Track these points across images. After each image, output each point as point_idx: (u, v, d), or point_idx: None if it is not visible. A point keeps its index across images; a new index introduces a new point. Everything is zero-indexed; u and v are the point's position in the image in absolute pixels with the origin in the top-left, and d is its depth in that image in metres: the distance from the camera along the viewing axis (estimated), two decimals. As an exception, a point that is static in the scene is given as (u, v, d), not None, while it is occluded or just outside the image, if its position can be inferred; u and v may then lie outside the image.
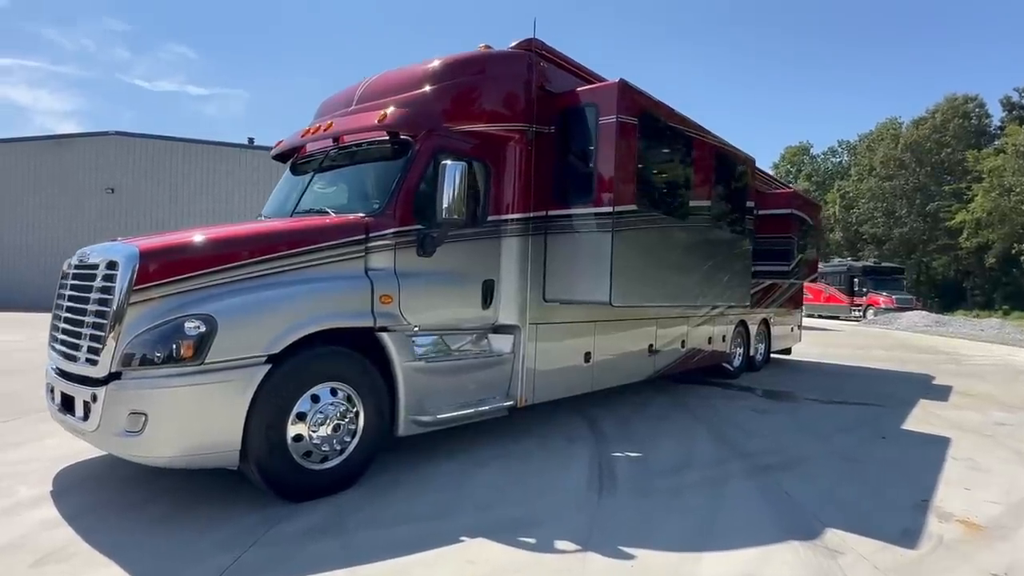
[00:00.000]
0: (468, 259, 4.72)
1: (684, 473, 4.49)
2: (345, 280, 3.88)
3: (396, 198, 4.23)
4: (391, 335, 4.06)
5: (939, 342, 18.90)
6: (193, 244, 3.59)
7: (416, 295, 4.26)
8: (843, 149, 60.01)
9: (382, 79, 5.05)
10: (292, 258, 3.71)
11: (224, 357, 3.23)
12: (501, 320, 4.99)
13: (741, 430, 5.92)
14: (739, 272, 7.49)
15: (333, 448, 3.69)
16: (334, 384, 3.72)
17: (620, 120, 4.87)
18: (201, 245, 3.58)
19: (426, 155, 4.38)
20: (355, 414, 3.83)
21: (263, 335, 3.36)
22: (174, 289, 3.33)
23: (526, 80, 5.02)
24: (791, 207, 9.74)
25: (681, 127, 6.01)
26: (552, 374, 5.35)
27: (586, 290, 4.98)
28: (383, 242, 4.11)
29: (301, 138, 5.02)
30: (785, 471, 4.59)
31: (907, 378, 10.39)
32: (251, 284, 3.50)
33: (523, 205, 5.02)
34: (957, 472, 4.72)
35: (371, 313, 3.93)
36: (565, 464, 4.59)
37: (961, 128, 44.57)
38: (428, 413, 4.27)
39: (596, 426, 5.84)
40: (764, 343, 10.64)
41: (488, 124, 4.82)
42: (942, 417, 6.90)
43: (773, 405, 7.39)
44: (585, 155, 5.08)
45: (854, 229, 49.88)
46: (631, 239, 5.15)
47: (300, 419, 3.55)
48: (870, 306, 30.42)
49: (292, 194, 4.94)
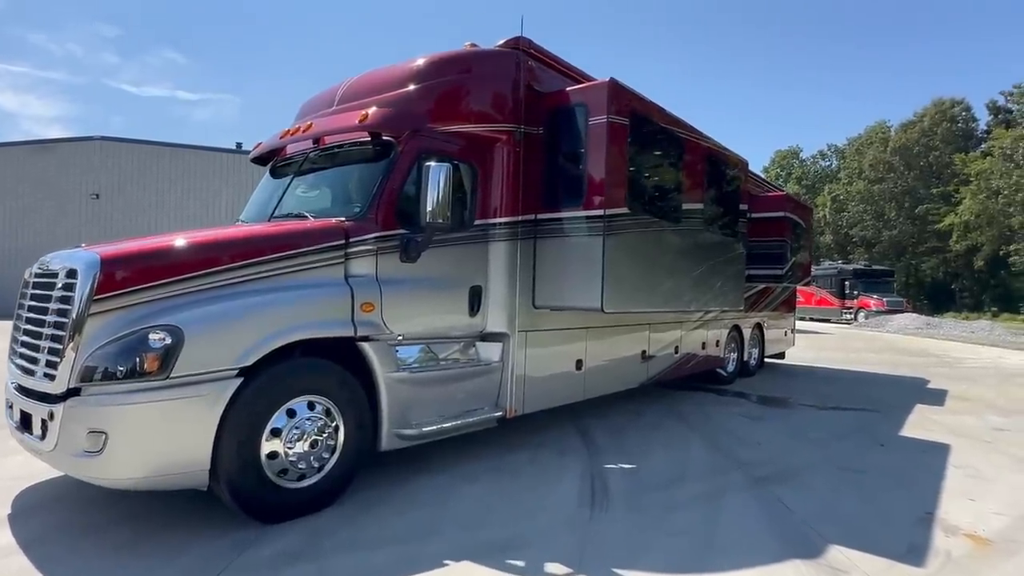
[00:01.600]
0: (454, 265, 4.54)
1: (679, 486, 4.33)
2: (323, 288, 3.69)
3: (378, 201, 4.05)
4: (373, 345, 3.87)
5: (930, 344, 18.91)
6: (159, 251, 3.38)
7: (400, 303, 4.08)
8: (832, 153, 60.42)
9: (365, 78, 4.88)
10: (266, 265, 3.51)
11: (191, 371, 3.03)
12: (489, 328, 4.81)
13: (736, 439, 5.77)
14: (732, 276, 7.36)
15: (311, 465, 3.50)
16: (312, 398, 3.53)
17: (610, 120, 4.72)
18: (168, 252, 3.38)
19: (409, 156, 4.21)
20: (334, 429, 3.63)
21: (234, 347, 3.17)
22: (138, 299, 3.13)
23: (514, 79, 4.86)
24: (784, 210, 9.65)
25: (673, 128, 5.88)
26: (543, 383, 5.18)
27: (577, 296, 4.82)
28: (364, 247, 3.93)
29: (280, 140, 4.83)
30: (783, 482, 4.44)
31: (901, 382, 10.31)
32: (221, 293, 3.31)
33: (511, 208, 4.85)
34: (959, 481, 4.59)
35: (351, 322, 3.74)
36: (556, 478, 4.41)
37: (948, 131, 44.97)
38: (412, 426, 4.09)
39: (589, 436, 5.67)
40: (758, 348, 10.53)
41: (475, 125, 4.66)
42: (939, 422, 6.79)
43: (768, 412, 7.25)
44: (575, 157, 4.93)
45: (844, 232, 50.14)
46: (623, 243, 5.00)
47: (275, 435, 3.35)
48: (861, 309, 30.46)
49: (271, 198, 4.74)
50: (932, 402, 8.20)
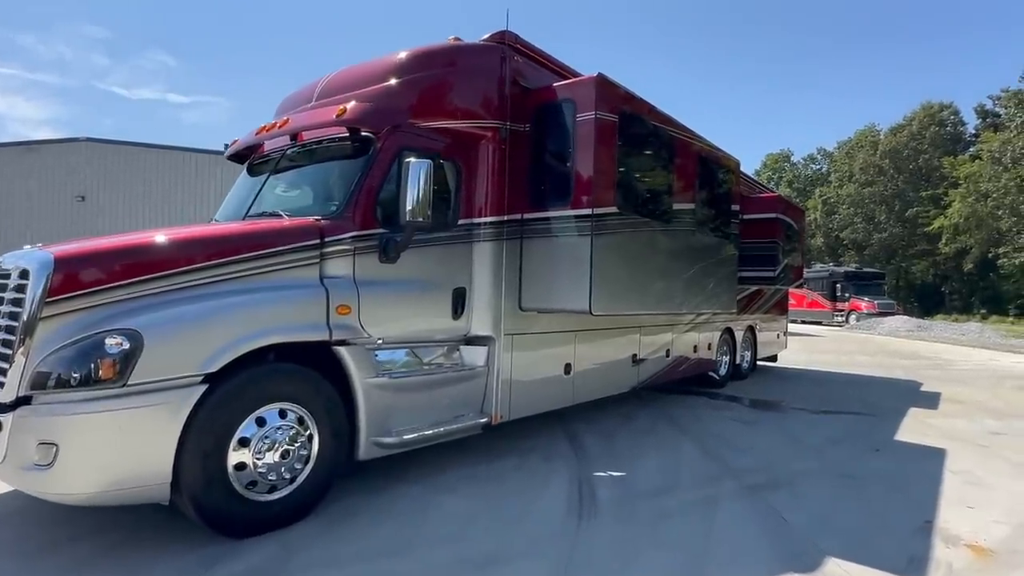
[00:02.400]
0: (437, 266, 4.38)
1: (670, 495, 4.17)
2: (296, 289, 3.51)
3: (355, 200, 3.88)
4: (350, 349, 3.69)
5: (921, 347, 18.90)
6: (119, 251, 3.19)
7: (378, 305, 3.91)
8: (822, 156, 60.74)
9: (344, 73, 4.71)
10: (235, 266, 3.33)
11: (151, 377, 2.84)
12: (474, 331, 4.64)
13: (729, 444, 5.63)
14: (724, 278, 7.23)
15: (282, 476, 3.31)
16: (283, 405, 3.34)
17: (599, 117, 4.57)
18: (128, 252, 3.19)
19: (389, 153, 4.04)
20: (308, 438, 3.45)
21: (198, 352, 2.98)
22: (95, 301, 2.94)
23: (499, 74, 4.70)
24: (776, 211, 9.56)
25: (664, 126, 5.74)
26: (530, 388, 5.01)
27: (564, 298, 4.66)
28: (340, 247, 3.75)
29: (256, 136, 4.65)
30: (777, 490, 4.29)
31: (894, 385, 10.22)
32: (186, 295, 3.12)
33: (497, 208, 4.69)
34: (957, 488, 4.46)
35: (326, 325, 3.57)
36: (543, 486, 4.24)
37: (937, 135, 45.31)
38: (392, 434, 3.91)
39: (578, 442, 5.51)
40: (750, 350, 10.40)
41: (458, 121, 4.50)
42: (934, 426, 6.68)
43: (761, 416, 7.12)
44: (562, 154, 4.78)
45: (835, 235, 50.37)
46: (612, 244, 4.85)
47: (243, 445, 3.17)
48: (852, 311, 30.52)
49: (247, 196, 4.56)
50: (926, 405, 8.10)
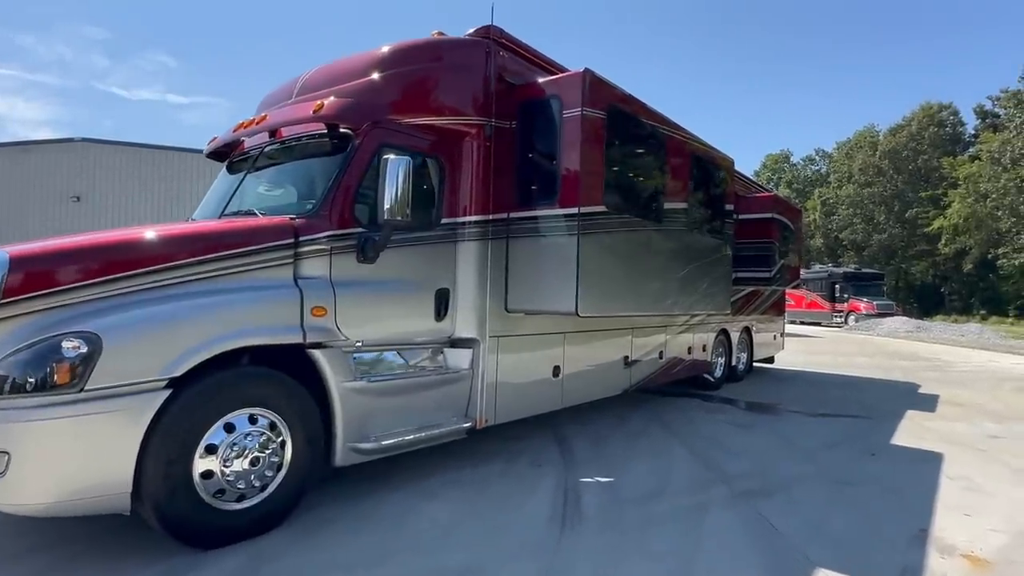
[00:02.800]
0: (419, 266, 4.26)
1: (658, 501, 4.05)
2: (268, 290, 3.39)
3: (332, 198, 3.76)
4: (325, 352, 3.57)
5: (920, 348, 18.78)
6: (80, 250, 3.07)
7: (356, 306, 3.79)
8: (820, 157, 60.68)
9: (325, 68, 4.60)
10: (204, 266, 3.21)
11: (110, 382, 2.72)
12: (458, 333, 4.53)
13: (722, 448, 5.50)
14: (718, 278, 7.11)
15: (251, 485, 3.19)
16: (254, 410, 3.22)
17: (585, 113, 4.46)
18: (91, 251, 3.07)
19: (369, 150, 3.92)
20: (280, 444, 3.33)
21: (161, 355, 2.86)
22: (53, 302, 2.82)
23: (483, 70, 4.59)
24: (772, 211, 9.44)
25: (654, 123, 5.62)
26: (516, 391, 4.89)
27: (550, 299, 4.54)
28: (316, 247, 3.63)
29: (234, 133, 4.54)
30: (769, 497, 4.17)
31: (892, 387, 10.10)
32: (150, 296, 3.00)
33: (481, 207, 4.57)
34: (954, 494, 4.34)
35: (300, 327, 3.45)
36: (527, 493, 4.12)
37: (936, 135, 45.23)
38: (371, 439, 3.79)
39: (567, 445, 5.39)
40: (746, 352, 10.29)
41: (441, 117, 4.38)
42: (932, 429, 6.56)
43: (755, 419, 7.00)
44: (549, 152, 4.66)
45: (834, 235, 50.28)
46: (600, 243, 4.73)
47: (210, 452, 3.05)
48: (851, 312, 30.41)
49: (224, 195, 4.45)
50: (924, 408, 7.97)
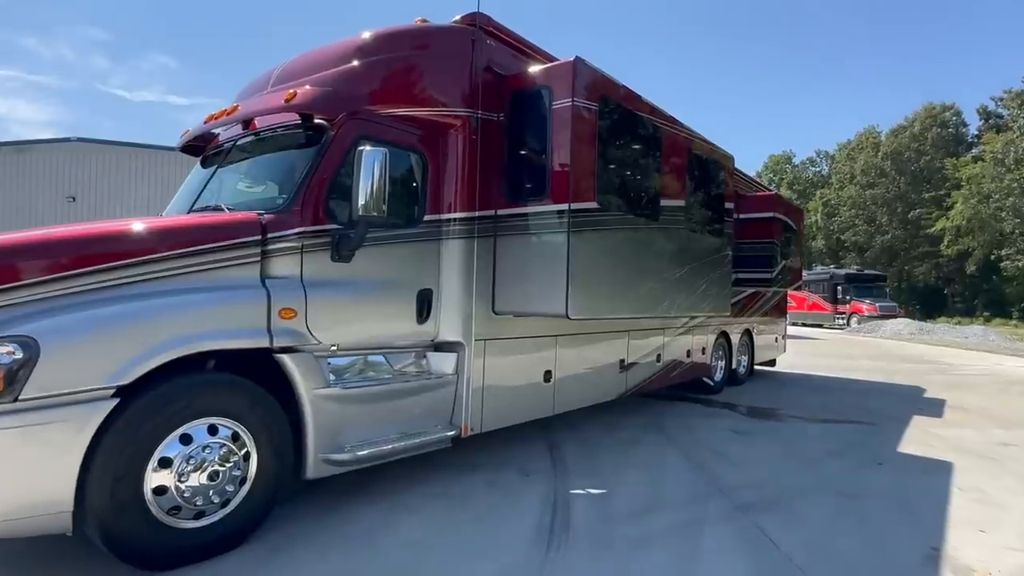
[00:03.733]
0: (400, 265, 4.03)
1: (652, 516, 3.80)
2: (231, 291, 3.15)
3: (304, 193, 3.53)
4: (295, 357, 3.34)
5: (924, 350, 18.51)
6: (20, 247, 2.83)
7: (329, 308, 3.56)
8: (821, 158, 60.40)
9: (303, 57, 4.36)
10: (158, 264, 2.98)
11: (48, 391, 2.49)
12: (442, 336, 4.29)
13: (721, 457, 5.26)
14: (718, 279, 6.87)
15: (210, 501, 2.95)
16: (214, 420, 2.99)
17: (576, 104, 4.22)
18: (33, 248, 2.84)
19: (344, 142, 3.69)
20: (244, 456, 3.10)
21: (107, 361, 2.63)
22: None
23: (469, 59, 4.36)
24: (773, 211, 9.20)
25: (650, 117, 5.38)
26: (504, 397, 4.66)
27: (539, 300, 4.31)
28: (285, 244, 3.40)
29: (204, 125, 4.31)
30: (770, 511, 3.93)
31: (896, 391, 9.84)
32: (99, 297, 2.77)
33: (467, 203, 4.34)
34: (966, 508, 4.09)
35: (266, 330, 3.21)
36: (513, 507, 3.88)
37: (939, 136, 44.94)
38: (346, 450, 3.55)
39: (558, 454, 5.14)
40: (747, 355, 10.04)
41: (423, 108, 4.15)
42: (939, 436, 6.31)
43: (756, 425, 6.75)
44: (538, 146, 4.43)
45: (836, 237, 50.00)
46: (592, 242, 4.50)
47: (164, 466, 2.81)
48: (854, 314, 30.11)
49: (195, 190, 4.22)
50: (931, 413, 7.72)
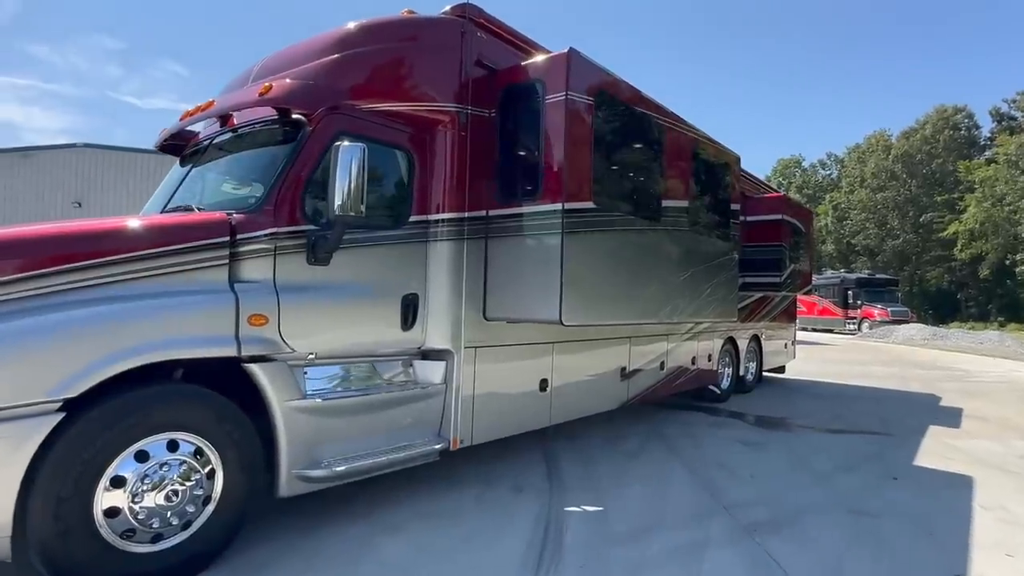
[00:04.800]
0: (383, 269, 3.81)
1: (651, 537, 3.55)
2: (195, 295, 2.94)
3: (278, 191, 3.32)
4: (266, 367, 3.12)
5: (938, 356, 18.07)
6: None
7: (305, 314, 3.34)
8: (832, 162, 59.80)
9: (285, 51, 4.17)
10: (115, 267, 2.77)
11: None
12: (429, 344, 4.07)
13: (727, 471, 4.99)
14: (723, 283, 6.60)
15: (168, 522, 2.73)
16: (174, 435, 2.78)
17: (571, 98, 4.00)
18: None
19: (322, 138, 3.48)
20: (208, 474, 2.88)
21: (51, 373, 2.42)
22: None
23: (458, 52, 4.15)
24: (782, 213, 8.91)
25: (650, 113, 5.14)
26: (497, 408, 4.42)
27: (531, 306, 4.07)
28: (257, 246, 3.19)
29: (180, 122, 4.12)
30: (778, 531, 3.66)
31: (911, 399, 9.50)
32: (45, 302, 2.56)
33: (456, 203, 4.12)
34: (990, 528, 3.81)
35: (234, 338, 3.00)
36: (504, 525, 3.64)
37: (951, 139, 44.34)
38: (322, 465, 3.32)
39: (555, 467, 4.90)
40: (755, 361, 9.74)
41: (409, 103, 3.94)
42: (958, 448, 6.00)
43: (765, 436, 6.46)
44: (531, 143, 4.20)
45: (846, 241, 49.41)
46: (588, 244, 4.26)
47: (117, 486, 2.60)
48: (865, 319, 29.64)
49: (170, 189, 4.03)
50: (947, 423, 7.40)
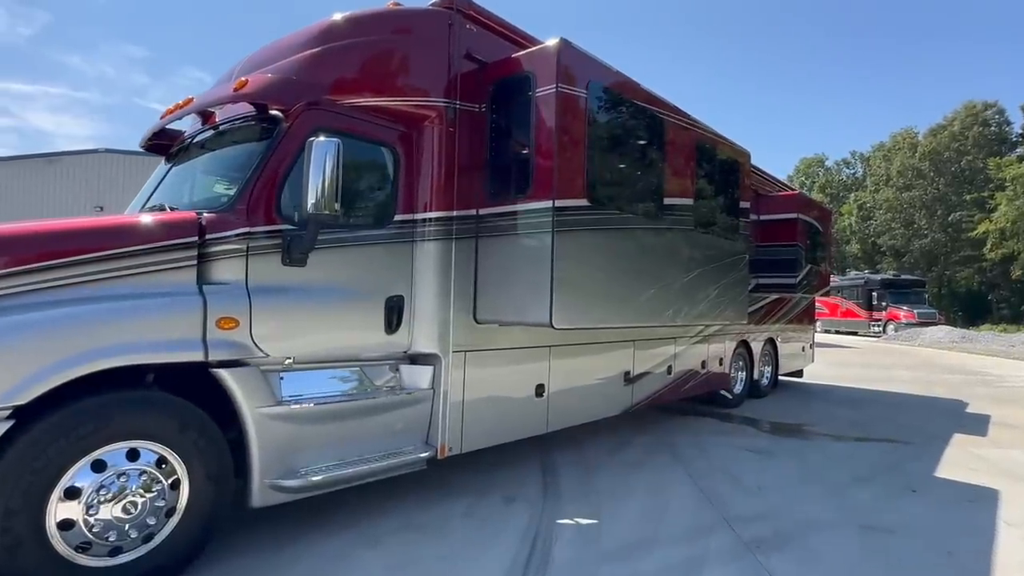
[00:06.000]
0: (366, 270, 3.67)
1: (645, 553, 3.34)
2: (159, 298, 2.82)
3: (252, 189, 3.20)
4: (236, 372, 2.99)
5: (967, 360, 17.44)
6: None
7: (280, 317, 3.21)
8: (856, 160, 58.51)
9: (269, 46, 4.05)
10: (76, 268, 2.66)
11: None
12: (416, 347, 3.91)
13: (734, 481, 4.75)
14: (732, 284, 6.34)
15: (126, 536, 2.61)
16: (135, 443, 2.66)
17: (561, 91, 3.82)
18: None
19: (299, 134, 3.34)
20: (171, 484, 2.76)
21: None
22: None
23: (445, 45, 4.00)
24: (796, 211, 8.60)
25: (650, 106, 4.92)
26: (489, 414, 4.25)
27: (521, 308, 3.90)
28: (228, 246, 3.06)
29: (161, 120, 4.03)
30: (781, 548, 3.43)
31: (935, 405, 9.10)
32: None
33: (444, 201, 3.96)
34: (1016, 548, 3.53)
35: (201, 342, 2.87)
36: (490, 540, 3.46)
37: (980, 136, 42.96)
38: (298, 475, 3.19)
39: (552, 477, 4.71)
40: (770, 365, 9.42)
41: (394, 99, 3.80)
42: (983, 458, 5.67)
43: (777, 444, 6.19)
44: (523, 138, 4.03)
45: (871, 241, 48.23)
46: (582, 243, 4.07)
47: (72, 497, 2.49)
48: (890, 321, 28.82)
49: (149, 190, 3.95)
50: (973, 431, 7.03)
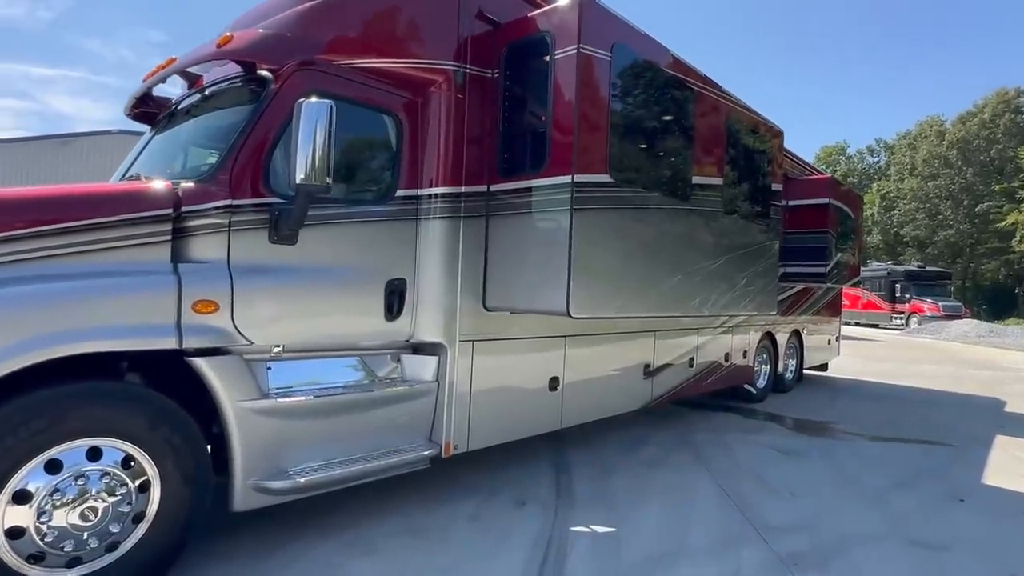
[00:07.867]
0: (364, 249, 3.33)
1: (668, 568, 3.00)
2: (125, 277, 2.50)
3: (234, 157, 2.86)
4: (215, 361, 2.68)
5: (996, 355, 16.79)
6: None
7: (267, 300, 2.89)
8: (881, 148, 56.95)
9: (262, 5, 3.69)
10: (22, 243, 2.34)
11: None
12: (419, 336, 3.58)
13: (762, 485, 4.39)
14: (762, 273, 5.91)
15: (85, 545, 2.32)
16: (96, 441, 2.35)
17: (584, 52, 3.42)
18: None
19: (290, 97, 2.98)
20: (141, 486, 2.46)
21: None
22: None
23: (455, 2, 3.61)
24: (828, 196, 8.11)
25: (679, 75, 4.48)
26: (498, 409, 3.92)
27: (535, 295, 3.54)
28: (207, 220, 2.73)
29: (143, 83, 3.70)
30: (824, 567, 3.07)
31: (969, 403, 8.62)
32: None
33: (452, 176, 3.60)
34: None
35: (175, 327, 2.55)
36: (497, 549, 3.15)
37: (1012, 123, 41.48)
38: (285, 476, 2.88)
39: (565, 477, 4.37)
40: (795, 358, 8.99)
41: (396, 60, 3.42)
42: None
43: (805, 443, 5.79)
44: (539, 107, 3.65)
45: (894, 232, 47.03)
46: (603, 224, 3.69)
47: (21, 501, 2.19)
48: (913, 314, 28.00)
49: (130, 160, 3.63)
50: (1016, 432, 6.58)
